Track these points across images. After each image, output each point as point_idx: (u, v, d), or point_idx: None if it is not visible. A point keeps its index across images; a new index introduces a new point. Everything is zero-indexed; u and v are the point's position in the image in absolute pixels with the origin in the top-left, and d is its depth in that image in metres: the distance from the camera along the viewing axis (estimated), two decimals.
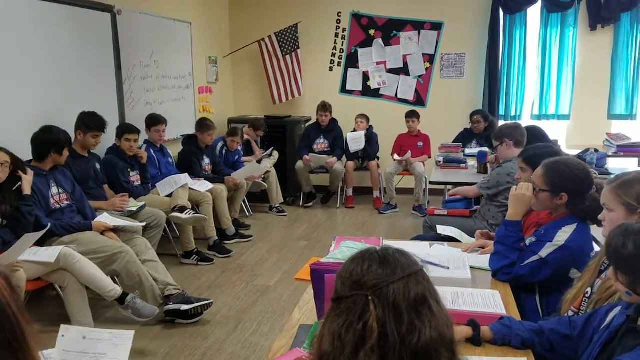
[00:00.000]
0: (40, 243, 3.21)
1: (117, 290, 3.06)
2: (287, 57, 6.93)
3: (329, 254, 2.44)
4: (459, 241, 3.04)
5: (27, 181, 3.05)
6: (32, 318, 2.83)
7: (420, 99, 7.03)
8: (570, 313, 1.87)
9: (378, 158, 6.63)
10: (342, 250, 2.41)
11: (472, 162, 5.14)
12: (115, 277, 3.38)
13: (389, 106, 7.05)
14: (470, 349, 1.72)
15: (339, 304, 1.04)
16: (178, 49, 5.79)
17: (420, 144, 6.50)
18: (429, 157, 6.37)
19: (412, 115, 6.44)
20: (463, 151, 5.62)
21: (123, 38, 4.77)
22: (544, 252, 2.18)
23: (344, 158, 6.56)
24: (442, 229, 3.20)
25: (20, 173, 3.04)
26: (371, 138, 6.48)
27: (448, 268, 2.34)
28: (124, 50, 4.79)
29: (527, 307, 2.26)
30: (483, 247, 2.63)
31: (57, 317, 3.38)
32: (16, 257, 2.73)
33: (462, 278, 2.25)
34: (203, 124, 5.19)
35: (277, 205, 6.14)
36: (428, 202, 6.36)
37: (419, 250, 2.64)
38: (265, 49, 6.92)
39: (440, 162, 5.24)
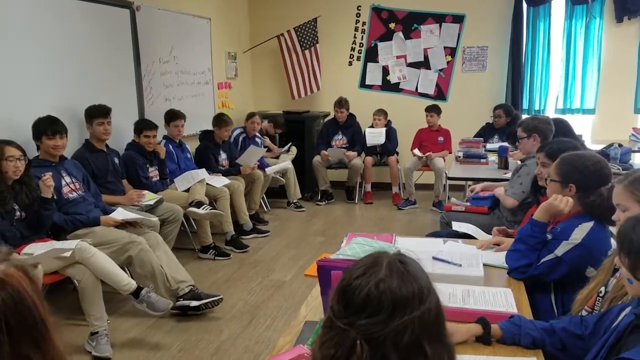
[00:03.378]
0: (54, 237, 3.28)
1: (132, 284, 3.09)
2: (306, 51, 6.91)
3: (340, 250, 2.43)
4: (475, 238, 2.99)
5: (44, 185, 3.09)
6: (51, 310, 2.86)
7: (441, 93, 6.94)
8: (585, 312, 1.82)
9: (397, 153, 6.57)
10: (352, 247, 2.39)
11: (492, 157, 5.04)
12: (126, 268, 3.42)
13: (409, 101, 6.97)
14: (479, 349, 1.68)
15: (332, 325, 0.98)
16: (197, 45, 5.81)
17: (441, 139, 6.42)
18: (450, 152, 6.29)
19: (431, 110, 6.36)
20: (484, 146, 5.52)
21: (142, 34, 4.81)
22: (560, 251, 2.13)
23: (363, 153, 6.51)
24: (457, 226, 3.15)
25: (44, 181, 3.09)
26: (390, 133, 6.42)
27: (460, 265, 2.29)
28: (142, 46, 4.83)
29: (542, 306, 2.21)
30: (499, 244, 2.58)
31: (75, 310, 3.44)
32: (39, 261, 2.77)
33: (474, 276, 2.20)
34: (221, 120, 5.21)
35: (294, 201, 6.13)
36: (448, 198, 6.27)
37: (432, 247, 2.61)
38: (285, 44, 6.90)
39: (460, 157, 5.16)
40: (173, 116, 4.80)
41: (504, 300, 1.95)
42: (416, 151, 6.26)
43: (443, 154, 6.31)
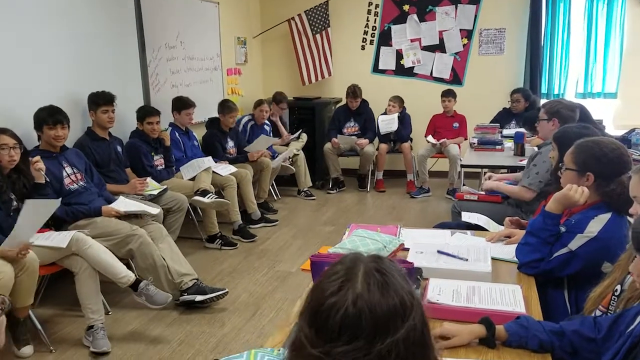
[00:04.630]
0: (56, 228, 3.22)
1: (130, 276, 3.01)
2: (317, 36, 6.75)
3: (340, 242, 2.31)
4: (486, 229, 2.84)
5: (35, 170, 3.02)
6: (52, 302, 2.76)
7: (457, 78, 6.74)
8: (599, 313, 1.68)
9: (411, 140, 6.41)
10: (352, 240, 2.27)
11: (509, 144, 4.87)
12: (130, 260, 3.35)
13: (424, 85, 6.79)
14: (482, 352, 1.55)
15: (303, 352, 0.85)
16: (205, 30, 5.69)
17: (456, 124, 6.25)
18: (465, 139, 6.11)
19: (447, 95, 6.19)
20: (501, 132, 5.33)
21: (147, 19, 4.69)
22: (574, 245, 1.99)
23: (376, 140, 6.36)
24: (467, 216, 2.99)
25: (33, 165, 3.01)
26: (404, 119, 6.26)
27: (467, 260, 2.15)
28: (148, 31, 4.71)
29: (554, 303, 2.08)
30: (510, 237, 2.44)
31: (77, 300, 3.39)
32: (28, 231, 2.69)
33: (480, 271, 2.05)
34: (225, 106, 5.11)
35: (305, 189, 6.02)
36: (463, 186, 6.11)
37: (438, 239, 2.48)
38: (295, 28, 6.75)
39: (474, 144, 4.99)
40: (185, 104, 4.70)
41: (512, 298, 1.82)
42: (430, 138, 6.09)
43: (458, 140, 6.14)
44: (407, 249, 2.26)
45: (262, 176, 5.29)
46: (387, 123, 6.19)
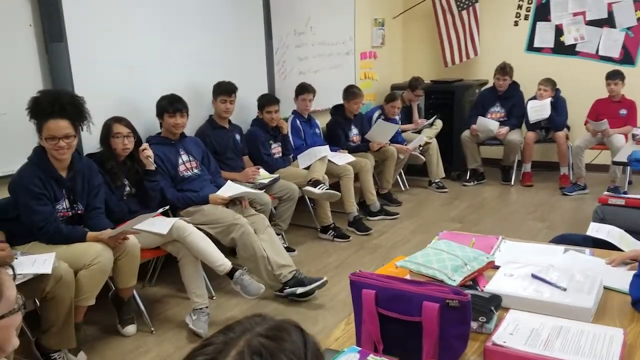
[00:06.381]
0: (173, 214, 3.39)
1: (227, 264, 3.04)
2: (463, 12, 6.24)
3: (412, 255, 2.02)
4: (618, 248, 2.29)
5: (144, 157, 3.17)
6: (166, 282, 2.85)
7: (628, 57, 5.77)
8: None
9: (568, 128, 5.63)
10: (426, 253, 1.97)
11: None
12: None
13: (587, 65, 5.92)
14: None
15: None
16: (339, 13, 5.54)
17: (623, 111, 5.35)
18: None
19: (614, 77, 5.31)
20: None
21: (275, 5, 4.68)
22: None
23: (524, 128, 5.70)
24: (594, 229, 2.45)
25: (141, 153, 3.17)
26: (558, 104, 5.50)
27: (564, 289, 1.72)
28: (275, 18, 4.71)
29: None
30: (636, 260, 1.93)
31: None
32: (129, 229, 2.85)
33: (578, 306, 1.62)
34: (349, 92, 4.94)
35: (437, 180, 5.63)
36: (630, 184, 5.24)
37: (544, 257, 2.05)
38: (439, 4, 6.31)
39: (637, 135, 4.19)
40: (301, 90, 4.65)
41: (606, 347, 1.40)
42: (591, 125, 5.28)
43: (625, 130, 5.23)
44: (498, 267, 1.90)
45: (386, 166, 5.05)
46: (538, 110, 5.49)
